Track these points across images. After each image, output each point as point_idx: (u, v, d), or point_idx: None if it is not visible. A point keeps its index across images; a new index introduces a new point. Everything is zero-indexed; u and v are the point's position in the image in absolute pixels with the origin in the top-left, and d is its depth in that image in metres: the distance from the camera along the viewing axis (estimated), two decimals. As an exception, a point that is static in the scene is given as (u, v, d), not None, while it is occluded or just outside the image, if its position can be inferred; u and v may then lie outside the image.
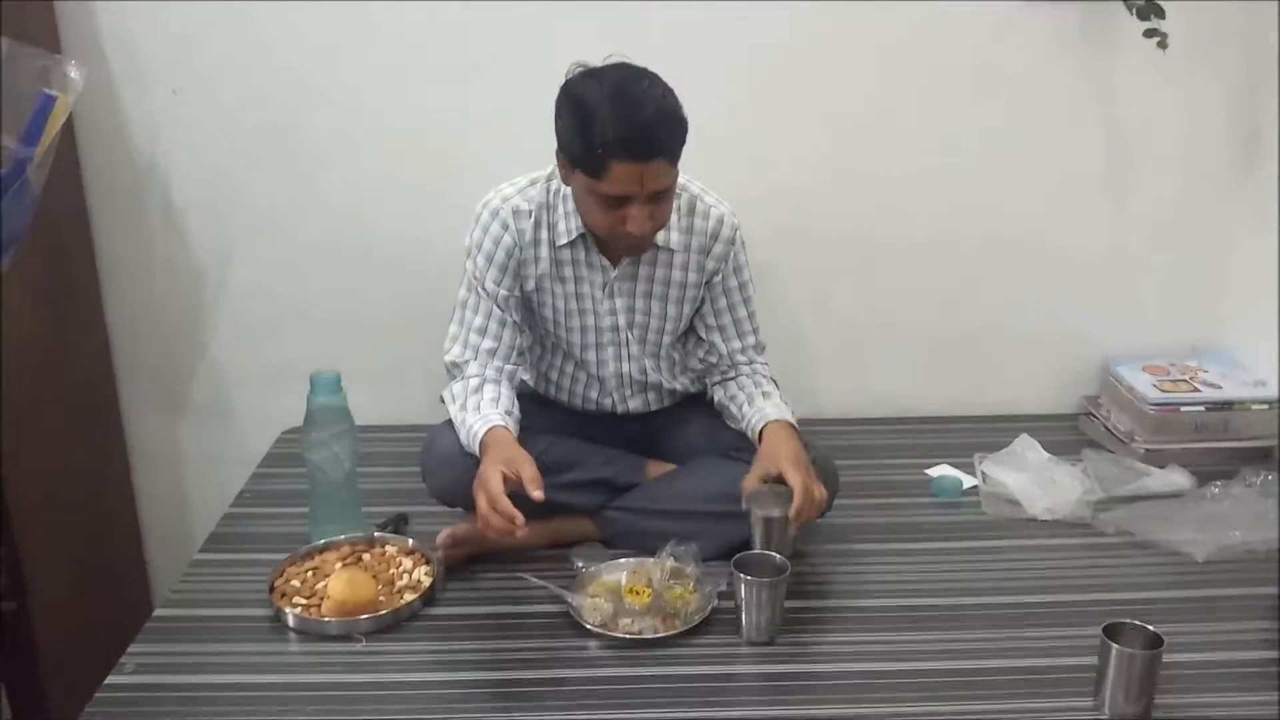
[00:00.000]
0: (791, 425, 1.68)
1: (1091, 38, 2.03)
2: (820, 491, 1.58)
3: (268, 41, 1.98)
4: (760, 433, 1.68)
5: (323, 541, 1.70)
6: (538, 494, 1.49)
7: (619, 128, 1.46)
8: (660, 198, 1.55)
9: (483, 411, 1.62)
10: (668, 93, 1.52)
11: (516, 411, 1.66)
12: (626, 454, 1.80)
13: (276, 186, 2.07)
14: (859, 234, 2.14)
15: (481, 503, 1.49)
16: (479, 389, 1.66)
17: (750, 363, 1.79)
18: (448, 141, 2.05)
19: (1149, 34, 1.92)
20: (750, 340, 1.79)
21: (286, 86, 2.01)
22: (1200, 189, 2.15)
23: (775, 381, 1.80)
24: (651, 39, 1.95)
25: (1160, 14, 1.92)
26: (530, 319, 1.76)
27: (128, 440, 2.20)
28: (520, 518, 1.47)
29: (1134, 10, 1.93)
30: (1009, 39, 2.03)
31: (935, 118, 2.08)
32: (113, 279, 2.11)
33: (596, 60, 1.56)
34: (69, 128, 1.92)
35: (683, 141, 1.54)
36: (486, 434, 1.58)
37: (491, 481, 1.48)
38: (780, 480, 1.58)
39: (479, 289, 1.68)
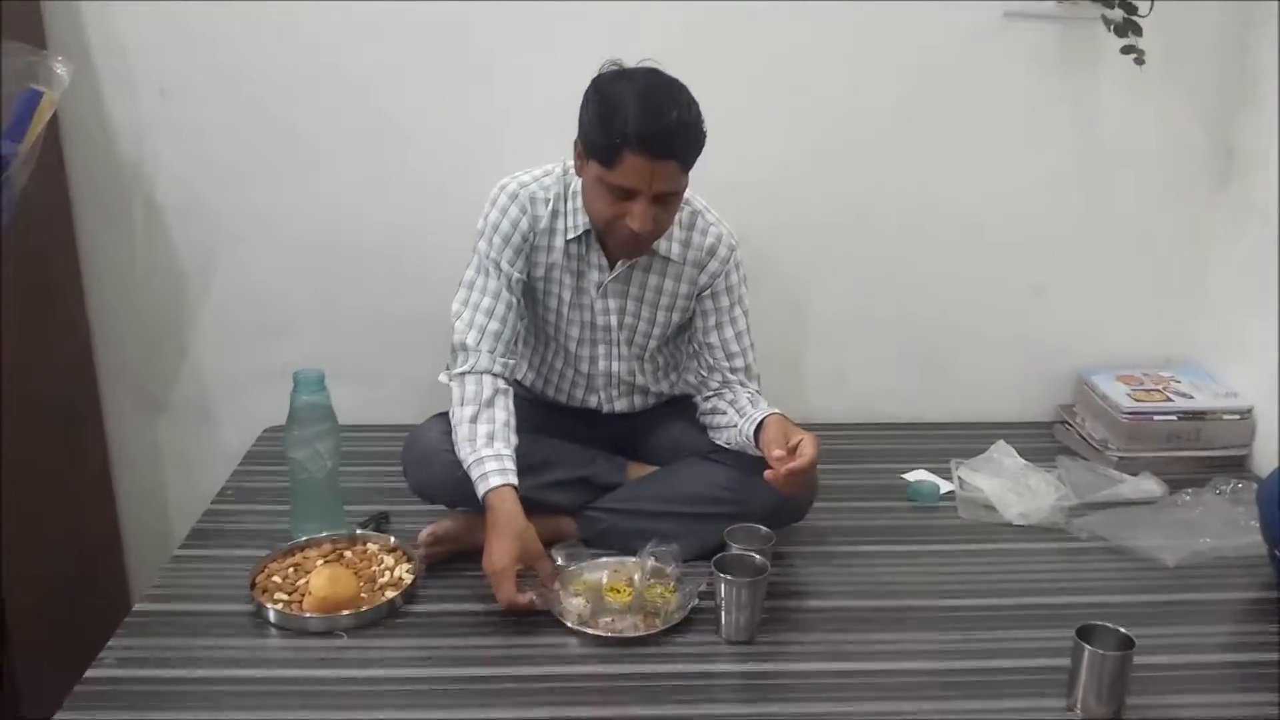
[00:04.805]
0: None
1: (1072, 52, 2.07)
2: (813, 473, 1.57)
3: (256, 43, 1.99)
4: (761, 424, 1.64)
5: (304, 538, 1.70)
6: (537, 600, 1.54)
7: (640, 123, 1.49)
8: (665, 200, 1.57)
9: (495, 446, 1.59)
10: (693, 104, 1.55)
11: (515, 437, 1.64)
12: (608, 454, 1.82)
13: (261, 187, 2.08)
14: (839, 240, 2.17)
15: (498, 593, 1.53)
16: (491, 400, 1.64)
17: (742, 384, 1.78)
18: (437, 143, 2.06)
19: (1126, 50, 1.96)
20: (740, 363, 1.77)
21: (274, 88, 2.02)
22: (1176, 202, 2.19)
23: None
24: (642, 44, 1.97)
25: (1138, 31, 1.95)
26: (530, 309, 1.77)
27: (108, 438, 2.19)
28: (529, 599, 1.54)
29: (1111, 28, 1.97)
30: (992, 51, 2.06)
31: (917, 126, 2.11)
32: (95, 278, 2.11)
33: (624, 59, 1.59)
34: (54, 126, 1.92)
35: (697, 152, 1.56)
36: (495, 494, 1.55)
37: (504, 588, 1.52)
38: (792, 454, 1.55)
39: (490, 268, 1.68)
